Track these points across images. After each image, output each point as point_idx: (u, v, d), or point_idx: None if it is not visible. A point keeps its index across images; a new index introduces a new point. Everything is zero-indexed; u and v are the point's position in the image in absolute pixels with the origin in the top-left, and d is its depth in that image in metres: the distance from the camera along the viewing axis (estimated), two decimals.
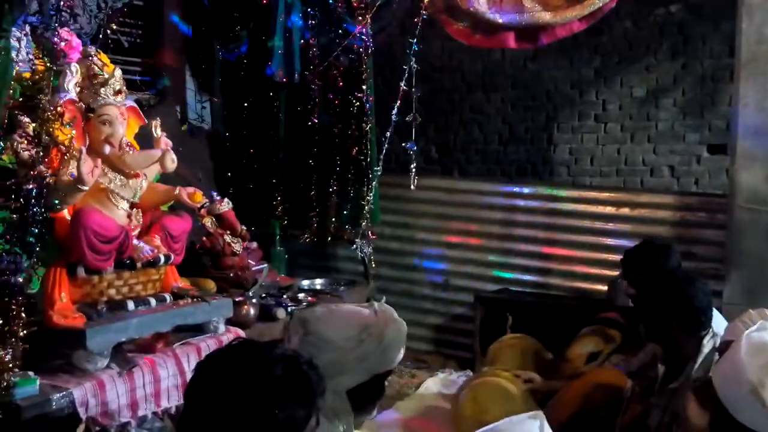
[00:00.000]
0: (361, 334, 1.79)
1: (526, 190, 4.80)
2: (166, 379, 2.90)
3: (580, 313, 3.90)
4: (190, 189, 3.32)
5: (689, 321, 2.36)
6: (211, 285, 3.55)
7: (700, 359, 2.30)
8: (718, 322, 2.62)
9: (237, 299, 3.40)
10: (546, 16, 4.07)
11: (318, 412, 1.38)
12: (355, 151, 4.48)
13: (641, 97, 5.81)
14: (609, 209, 4.52)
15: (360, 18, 4.29)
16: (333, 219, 4.58)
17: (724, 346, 1.78)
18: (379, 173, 4.43)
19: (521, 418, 1.62)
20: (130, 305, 2.94)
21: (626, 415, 2.70)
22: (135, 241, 3.02)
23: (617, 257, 4.39)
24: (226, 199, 3.85)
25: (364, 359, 1.78)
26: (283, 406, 1.30)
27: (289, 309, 3.57)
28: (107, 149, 3.02)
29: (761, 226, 3.62)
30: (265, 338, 3.13)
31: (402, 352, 1.92)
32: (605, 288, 4.32)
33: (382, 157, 4.42)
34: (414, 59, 4.22)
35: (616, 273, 4.26)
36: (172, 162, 3.21)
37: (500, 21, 4.14)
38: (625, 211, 4.46)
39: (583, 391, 3.02)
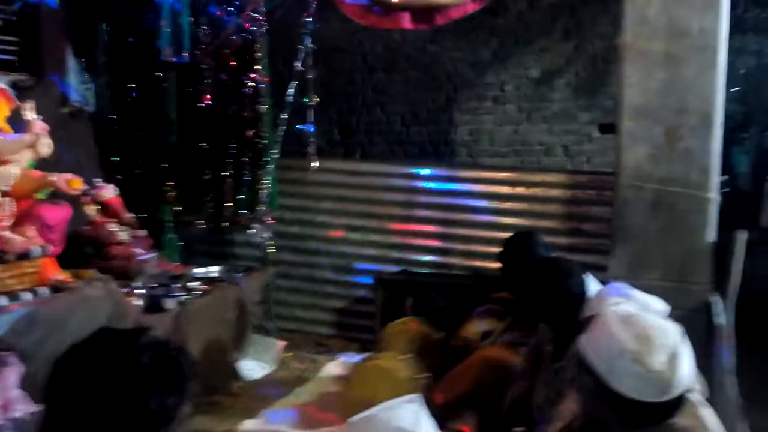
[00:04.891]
0: None
1: (426, 171, 4.81)
2: None
3: (477, 292, 3.96)
4: (68, 175, 3.14)
5: (567, 309, 2.43)
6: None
7: None
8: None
9: (121, 290, 3.24)
10: None
11: (190, 398, 1.36)
12: (250, 133, 4.34)
13: (537, 78, 5.96)
14: (505, 189, 4.60)
15: None
16: (229, 204, 4.43)
17: (588, 321, 1.85)
18: (276, 156, 4.33)
19: (399, 402, 1.61)
20: (2, 301, 2.75)
21: (513, 391, 2.76)
22: (5, 233, 2.82)
23: None
24: (110, 186, 3.67)
25: None
26: (154, 394, 1.28)
27: (182, 299, 3.43)
28: None
29: (644, 202, 3.76)
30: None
31: None
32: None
33: (279, 140, 4.32)
34: (310, 39, 4.13)
35: None
36: (46, 147, 3.01)
37: (395, 0, 4.11)
38: (521, 190, 4.55)
39: (475, 369, 3.08)
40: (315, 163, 4.32)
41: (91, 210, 3.52)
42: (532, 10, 5.84)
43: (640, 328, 1.63)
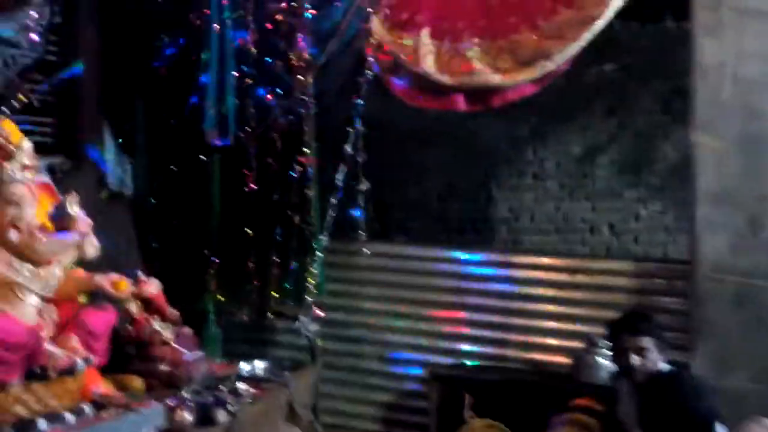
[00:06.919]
0: None
1: (477, 257, 4.55)
2: None
3: (544, 392, 3.65)
4: (114, 276, 2.88)
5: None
6: (138, 383, 3.06)
7: None
8: None
9: (170, 402, 2.92)
10: (496, 79, 3.93)
11: None
12: (297, 219, 4.10)
13: (578, 154, 5.79)
14: (564, 276, 4.32)
15: (301, 78, 3.98)
16: (274, 294, 4.15)
17: None
18: (324, 243, 4.08)
19: None
20: (41, 424, 2.44)
21: None
22: (47, 345, 2.54)
23: (575, 327, 4.23)
24: (153, 279, 3.40)
25: None
26: None
27: (230, 408, 3.10)
28: (13, 235, 2.56)
29: (726, 296, 3.52)
30: None
31: None
32: (564, 359, 4.12)
33: (325, 224, 4.10)
34: (361, 121, 3.98)
35: (575, 343, 4.07)
36: (92, 247, 2.77)
37: (449, 83, 3.97)
38: (581, 278, 4.27)
39: None
40: (366, 250, 4.09)
41: (133, 306, 3.24)
42: (572, 87, 5.71)
43: None
